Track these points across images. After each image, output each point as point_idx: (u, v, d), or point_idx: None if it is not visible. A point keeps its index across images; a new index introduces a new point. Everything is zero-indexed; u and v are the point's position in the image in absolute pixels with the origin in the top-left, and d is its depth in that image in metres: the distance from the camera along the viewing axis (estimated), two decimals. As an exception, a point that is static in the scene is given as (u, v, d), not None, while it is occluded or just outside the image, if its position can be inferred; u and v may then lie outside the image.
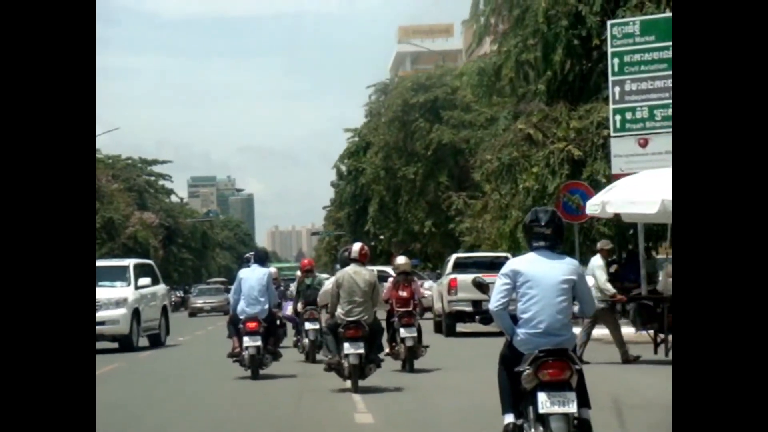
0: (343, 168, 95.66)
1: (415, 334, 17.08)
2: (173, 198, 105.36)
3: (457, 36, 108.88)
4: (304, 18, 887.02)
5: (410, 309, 17.67)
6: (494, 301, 7.92)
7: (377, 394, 14.46)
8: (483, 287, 8.66)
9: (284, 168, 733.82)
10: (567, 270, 7.86)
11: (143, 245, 71.37)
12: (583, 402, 7.70)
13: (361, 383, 14.52)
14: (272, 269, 18.99)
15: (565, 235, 8.66)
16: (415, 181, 51.25)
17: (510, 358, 7.91)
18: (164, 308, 29.14)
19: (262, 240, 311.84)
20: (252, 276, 17.46)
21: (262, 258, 18.20)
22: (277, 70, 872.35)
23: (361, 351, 14.33)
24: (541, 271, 7.81)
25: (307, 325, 19.61)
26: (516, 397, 7.83)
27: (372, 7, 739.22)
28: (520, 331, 7.85)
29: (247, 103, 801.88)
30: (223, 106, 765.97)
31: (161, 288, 29.51)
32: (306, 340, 19.83)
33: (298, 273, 20.63)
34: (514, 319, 7.92)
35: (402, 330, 17.08)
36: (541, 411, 7.49)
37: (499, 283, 7.94)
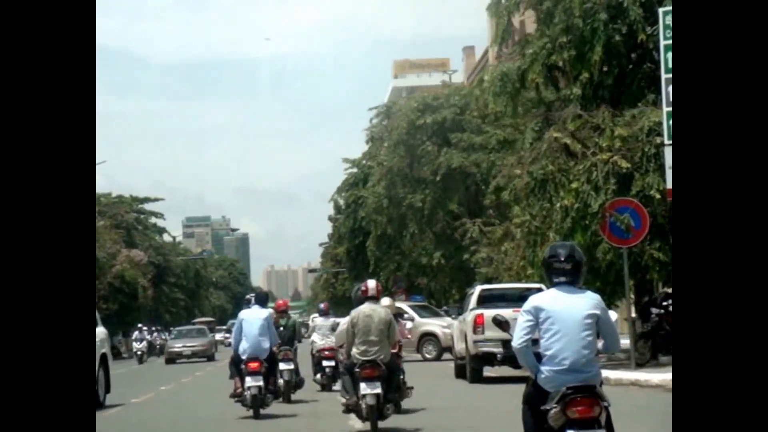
0: (341, 201, 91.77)
1: (379, 390, 14.26)
2: (166, 237, 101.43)
3: (455, 65, 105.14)
4: (298, 59, 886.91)
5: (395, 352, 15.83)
6: (517, 339, 7.80)
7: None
8: (503, 325, 8.64)
9: (279, 208, 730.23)
10: (590, 305, 7.74)
11: (131, 285, 66.90)
12: None
13: (380, 424, 14.27)
14: (270, 310, 18.99)
15: (610, 261, 8.02)
16: (423, 209, 46.86)
17: (535, 396, 7.78)
18: (103, 357, 21.49)
19: (257, 279, 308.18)
20: (253, 317, 17.75)
21: (263, 300, 18.52)
22: (271, 110, 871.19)
23: (378, 391, 14.00)
24: (564, 307, 7.68)
25: (282, 366, 19.37)
26: None
27: (367, 45, 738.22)
28: (545, 369, 7.70)
29: (240, 145, 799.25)
30: (216, 148, 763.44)
31: (99, 332, 21.27)
32: (281, 381, 19.47)
33: (272, 313, 19.96)
34: (538, 357, 7.77)
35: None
36: None
37: (521, 320, 7.81)
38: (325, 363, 22.03)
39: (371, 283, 14.86)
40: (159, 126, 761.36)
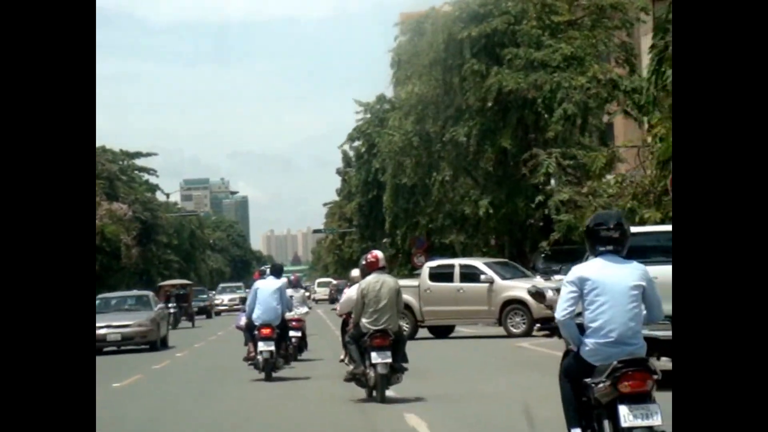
0: (351, 153, 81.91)
1: (389, 360, 14.02)
2: (159, 195, 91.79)
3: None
4: (297, 23, 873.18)
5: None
6: (560, 310, 7.51)
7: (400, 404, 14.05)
8: (540, 296, 9.08)
9: (277, 173, 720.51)
10: (636, 275, 7.44)
11: (112, 242, 57.07)
12: None
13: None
14: (284, 280, 19.61)
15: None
16: (467, 145, 36.75)
17: (576, 369, 7.51)
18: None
19: (257, 244, 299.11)
20: (268, 286, 18.80)
21: (279, 271, 19.66)
22: (269, 75, 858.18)
23: (389, 360, 13.96)
24: (610, 277, 7.40)
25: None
26: (581, 410, 7.48)
27: (365, 8, 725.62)
28: (589, 341, 7.41)
29: (238, 109, 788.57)
30: (214, 112, 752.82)
31: None
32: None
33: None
34: (580, 329, 7.49)
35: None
36: (623, 425, 7.09)
37: (564, 291, 7.56)
38: (291, 333, 21.67)
39: (379, 254, 14.89)
40: (156, 89, 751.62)
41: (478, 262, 29.99)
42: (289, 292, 22.78)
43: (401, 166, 43.94)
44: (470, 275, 29.25)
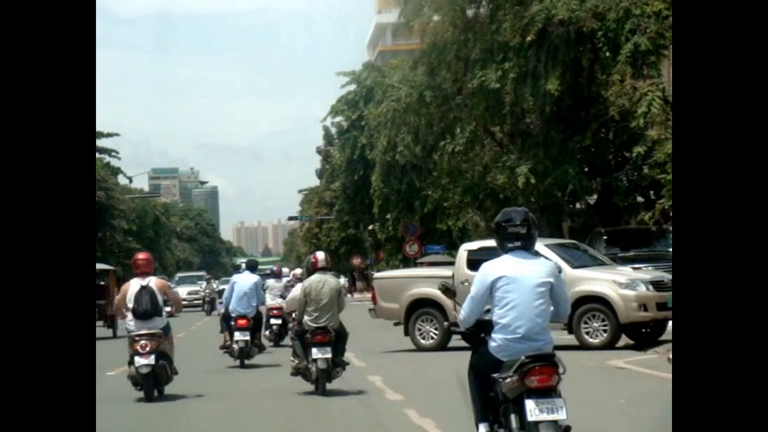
0: (333, 129, 72.91)
1: (329, 355, 14.51)
2: (121, 179, 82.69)
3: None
4: (267, 15, 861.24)
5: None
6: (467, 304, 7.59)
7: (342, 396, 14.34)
8: (450, 293, 8.45)
9: (246, 165, 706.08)
10: (545, 272, 7.42)
11: (57, 224, 47.82)
12: None
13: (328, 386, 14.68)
14: (258, 277, 20.52)
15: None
16: (500, 93, 27.76)
17: (484, 364, 7.47)
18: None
19: (227, 235, 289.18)
20: (245, 281, 19.73)
21: (254, 266, 20.77)
22: (238, 67, 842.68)
23: (329, 356, 14.46)
24: (518, 274, 7.35)
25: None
26: (488, 405, 7.51)
27: (339, 2, 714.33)
28: (497, 337, 7.38)
29: (206, 101, 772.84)
30: (181, 104, 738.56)
31: None
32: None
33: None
34: (488, 326, 7.46)
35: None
36: (530, 419, 7.10)
37: (473, 286, 7.51)
38: (272, 321, 23.28)
39: (320, 255, 15.16)
40: (123, 80, 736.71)
41: (537, 244, 21.24)
42: (272, 282, 25.17)
43: (405, 130, 34.96)
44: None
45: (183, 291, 57.27)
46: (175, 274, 67.57)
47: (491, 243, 23.08)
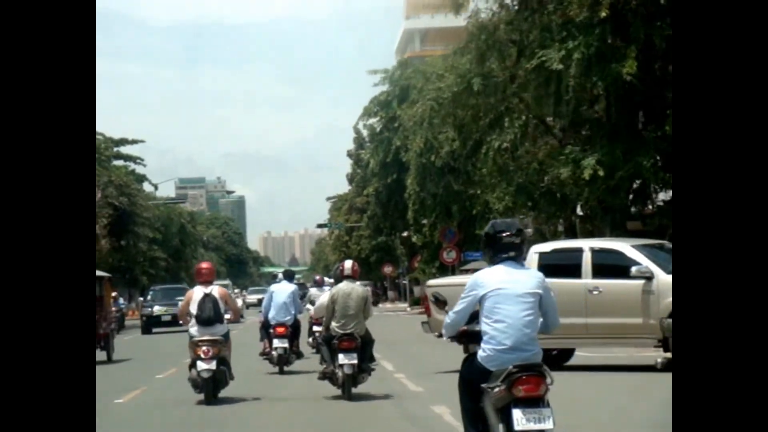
0: (365, 131, 69.59)
1: (355, 361, 14.82)
2: (147, 187, 79.77)
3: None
4: (295, 24, 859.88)
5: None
6: (456, 309, 7.59)
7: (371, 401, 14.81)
8: (441, 303, 8.38)
9: (273, 175, 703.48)
10: (533, 283, 7.44)
11: (75, 231, 44.71)
12: None
13: (353, 390, 14.91)
14: (295, 286, 20.94)
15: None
16: (562, 77, 24.31)
17: (474, 374, 7.47)
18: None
19: (254, 245, 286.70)
20: (283, 290, 20.22)
21: (291, 276, 21.28)
22: (265, 77, 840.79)
23: (355, 361, 14.68)
24: (508, 285, 7.36)
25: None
26: (477, 415, 7.51)
27: (364, 9, 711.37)
28: (486, 347, 7.38)
29: (232, 110, 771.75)
30: (209, 113, 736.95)
31: None
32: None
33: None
34: (477, 336, 7.50)
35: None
36: (517, 428, 7.13)
37: (463, 295, 7.51)
38: (315, 328, 21.97)
39: (348, 264, 15.42)
40: (151, 90, 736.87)
41: (622, 245, 17.78)
42: (314, 291, 25.16)
43: (450, 122, 31.66)
44: (610, 267, 17.34)
45: (156, 307, 45.10)
46: (150, 289, 57.79)
47: (565, 244, 19.31)
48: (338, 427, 12.70)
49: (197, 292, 15.06)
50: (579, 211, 29.57)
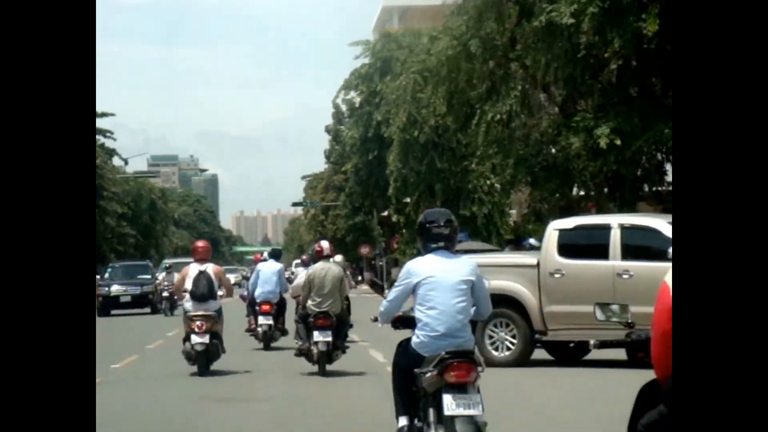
0: (344, 107, 66.71)
1: (330, 339, 15.21)
2: (117, 161, 76.93)
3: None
4: (266, 4, 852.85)
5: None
6: (389, 297, 7.80)
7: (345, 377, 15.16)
8: (378, 287, 9.26)
9: (247, 155, 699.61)
10: (466, 271, 7.59)
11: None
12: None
13: (328, 367, 15.38)
14: (281, 265, 21.42)
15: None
16: (571, 33, 21.63)
17: (407, 360, 7.61)
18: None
19: (227, 224, 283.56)
20: (269, 268, 20.64)
21: (277, 255, 21.58)
22: (238, 57, 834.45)
23: (329, 339, 15.10)
24: (440, 272, 7.51)
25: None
26: (409, 399, 7.64)
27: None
28: (420, 333, 7.53)
29: (206, 90, 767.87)
30: (181, 93, 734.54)
31: None
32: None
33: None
34: (412, 322, 7.66)
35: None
36: (446, 413, 7.21)
37: (397, 283, 7.73)
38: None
39: (324, 244, 15.91)
40: (122, 68, 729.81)
41: (658, 222, 15.21)
42: (301, 270, 24.74)
43: (442, 90, 29.00)
44: (643, 247, 14.88)
45: (115, 287, 40.22)
46: (163, 261, 55.90)
47: (591, 220, 16.84)
48: (314, 401, 12.88)
49: (192, 269, 15.65)
50: (580, 190, 27.00)
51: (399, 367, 7.68)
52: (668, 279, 5.14)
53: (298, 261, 30.81)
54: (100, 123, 71.65)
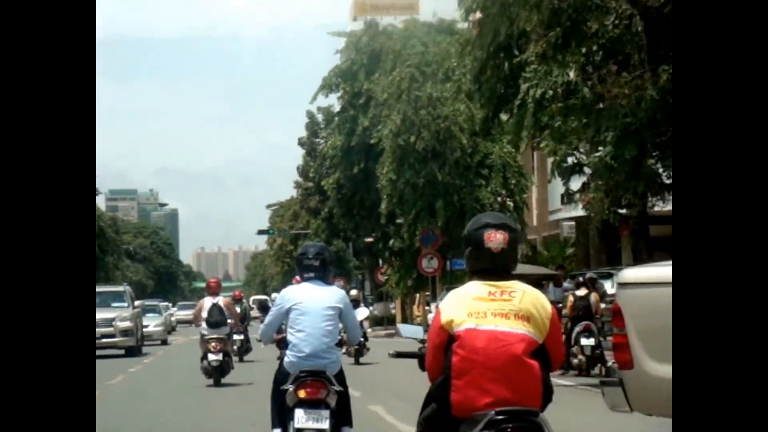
0: (319, 116, 57.19)
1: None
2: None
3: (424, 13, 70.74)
4: (229, 42, 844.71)
5: None
6: (265, 323, 8.52)
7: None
8: (266, 310, 9.96)
9: (206, 191, 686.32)
10: (334, 298, 8.20)
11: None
12: (346, 421, 8.22)
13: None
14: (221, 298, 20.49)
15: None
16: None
17: (280, 378, 8.22)
18: None
19: (187, 260, 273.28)
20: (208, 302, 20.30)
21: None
22: (201, 93, 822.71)
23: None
24: (309, 299, 8.12)
25: (235, 337, 22.54)
26: (283, 413, 8.14)
27: (301, 28, 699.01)
28: (290, 353, 8.14)
29: (165, 126, 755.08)
30: (139, 129, 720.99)
31: None
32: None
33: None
34: (287, 343, 8.26)
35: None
36: (297, 426, 7.91)
37: (272, 309, 8.43)
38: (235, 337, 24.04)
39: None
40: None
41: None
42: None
43: (469, 64, 19.95)
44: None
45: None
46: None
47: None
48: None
49: (207, 302, 19.05)
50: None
51: (275, 384, 8.24)
52: (441, 305, 5.26)
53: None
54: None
